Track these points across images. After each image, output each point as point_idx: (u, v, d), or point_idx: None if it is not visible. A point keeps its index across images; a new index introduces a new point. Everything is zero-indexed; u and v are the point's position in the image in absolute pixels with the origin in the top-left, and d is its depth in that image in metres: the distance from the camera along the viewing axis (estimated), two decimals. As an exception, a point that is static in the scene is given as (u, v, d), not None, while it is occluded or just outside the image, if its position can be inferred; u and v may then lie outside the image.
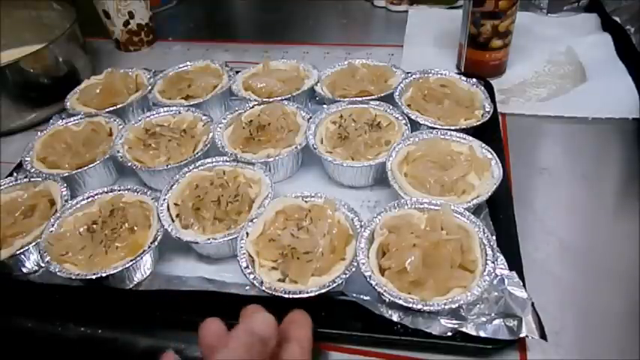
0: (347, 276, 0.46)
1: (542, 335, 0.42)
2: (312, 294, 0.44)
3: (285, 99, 0.69)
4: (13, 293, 0.52)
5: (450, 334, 0.43)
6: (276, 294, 0.45)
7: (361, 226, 0.49)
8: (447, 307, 0.42)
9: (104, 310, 0.49)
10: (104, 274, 0.48)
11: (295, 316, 0.43)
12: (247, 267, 0.48)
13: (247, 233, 0.51)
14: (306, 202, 0.53)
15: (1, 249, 0.52)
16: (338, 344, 0.46)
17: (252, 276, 0.47)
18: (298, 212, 0.52)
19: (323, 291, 0.45)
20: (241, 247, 0.49)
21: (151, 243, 0.51)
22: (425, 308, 0.42)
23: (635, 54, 0.76)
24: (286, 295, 0.45)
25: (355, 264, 0.46)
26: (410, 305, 0.42)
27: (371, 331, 0.45)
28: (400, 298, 0.43)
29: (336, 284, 0.45)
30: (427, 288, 0.44)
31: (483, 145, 0.58)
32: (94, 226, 0.53)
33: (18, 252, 0.52)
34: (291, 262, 0.47)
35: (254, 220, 0.52)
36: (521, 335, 0.42)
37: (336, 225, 0.50)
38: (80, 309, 0.50)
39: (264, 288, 0.46)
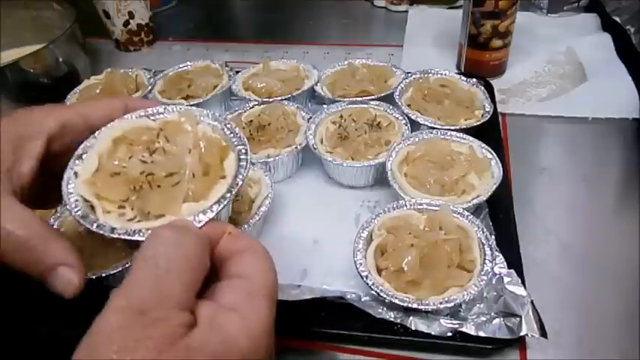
0: (232, 195, 0.35)
1: (543, 333, 0.42)
2: (196, 224, 0.33)
3: (285, 99, 0.69)
4: (12, 293, 0.52)
5: (450, 334, 0.43)
6: (139, 238, 0.33)
7: (236, 134, 0.39)
8: (442, 305, 0.42)
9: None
10: (104, 274, 0.48)
11: (245, 242, 0.32)
12: (85, 217, 0.34)
13: (76, 173, 0.37)
14: (154, 120, 0.41)
15: (1, 249, 0.52)
16: (338, 344, 0.46)
17: (94, 225, 0.34)
18: (146, 134, 0.39)
19: (205, 218, 0.33)
20: (70, 194, 0.36)
21: (151, 243, 0.50)
22: (421, 307, 0.42)
23: (635, 54, 0.76)
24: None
25: (239, 183, 0.36)
26: (406, 304, 0.42)
27: (371, 331, 0.45)
28: (396, 297, 0.43)
29: (221, 206, 0.34)
30: (423, 287, 0.44)
31: (483, 145, 0.58)
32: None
33: (18, 252, 0.52)
34: (149, 194, 0.35)
35: (83, 156, 0.38)
36: (522, 334, 0.42)
37: (202, 139, 0.38)
38: (80, 309, 0.50)
39: (116, 235, 0.33)
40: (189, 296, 0.28)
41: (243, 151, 0.38)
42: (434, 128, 0.61)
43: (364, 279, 0.44)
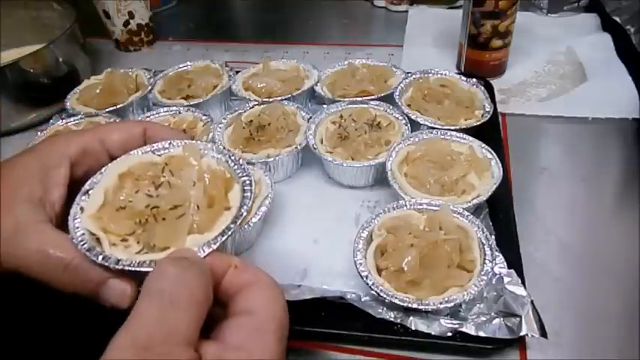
0: (237, 226, 0.35)
1: (543, 333, 0.42)
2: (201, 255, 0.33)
3: (285, 99, 0.69)
4: (12, 293, 0.52)
5: (450, 334, 0.43)
6: (144, 269, 0.33)
7: (240, 165, 0.40)
8: (442, 306, 0.42)
9: (104, 309, 0.49)
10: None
11: (253, 275, 0.32)
12: (91, 250, 0.35)
13: (82, 208, 0.38)
14: (159, 155, 0.42)
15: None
16: (338, 344, 0.46)
17: (101, 257, 0.34)
18: (152, 169, 0.40)
19: (208, 250, 0.33)
20: (76, 228, 0.36)
21: (151, 243, 0.51)
22: (421, 307, 0.42)
23: (635, 54, 0.76)
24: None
25: (243, 214, 0.36)
26: (406, 304, 0.42)
27: (371, 331, 0.45)
28: (396, 297, 0.43)
29: (225, 237, 0.34)
30: (423, 287, 0.44)
31: (483, 145, 0.58)
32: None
33: (18, 252, 0.52)
34: (154, 227, 0.36)
35: (89, 192, 0.39)
36: (522, 334, 0.42)
37: (207, 171, 0.39)
38: (80, 309, 0.50)
39: (120, 267, 0.34)
40: (194, 331, 0.27)
41: (248, 182, 0.39)
42: (434, 128, 0.61)
43: (364, 279, 0.44)
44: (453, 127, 0.61)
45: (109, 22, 0.95)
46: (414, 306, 0.42)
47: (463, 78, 0.70)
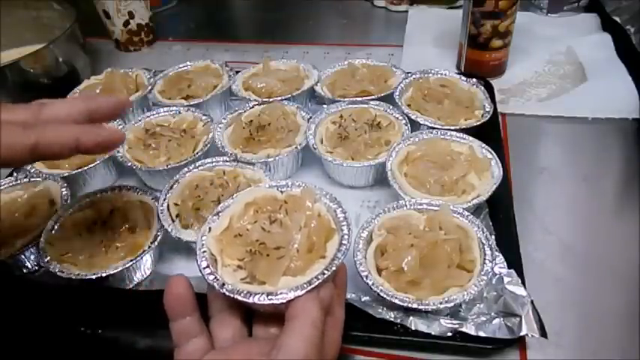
0: (326, 276, 0.38)
1: (543, 333, 0.42)
2: (281, 299, 0.37)
3: (285, 99, 0.69)
4: (12, 293, 0.52)
5: (450, 334, 0.43)
6: (240, 298, 0.38)
7: (345, 218, 0.43)
8: (442, 306, 0.42)
9: (104, 310, 0.49)
10: (104, 274, 0.48)
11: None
12: (207, 267, 0.40)
13: (210, 228, 0.44)
14: (282, 192, 0.46)
15: (1, 249, 0.52)
16: (338, 344, 0.46)
17: (212, 277, 0.40)
18: (272, 204, 0.45)
19: (293, 295, 0.37)
20: (202, 245, 0.42)
21: (151, 243, 0.51)
22: (421, 307, 0.42)
23: (635, 54, 0.76)
24: (249, 300, 0.37)
25: (337, 262, 0.39)
26: (406, 304, 0.42)
27: (371, 331, 0.45)
28: (396, 297, 0.43)
29: (312, 286, 0.37)
30: (423, 287, 0.44)
31: (483, 145, 0.58)
32: (94, 226, 0.53)
33: (18, 252, 0.52)
34: (259, 260, 0.40)
35: (219, 214, 0.45)
36: (522, 334, 0.42)
37: (315, 217, 0.43)
38: (80, 309, 0.50)
39: (224, 291, 0.38)
40: None
41: (346, 236, 0.41)
42: (434, 128, 0.61)
43: (364, 279, 0.44)
44: (453, 127, 0.61)
45: (109, 22, 0.95)
46: (414, 306, 0.42)
47: (463, 78, 0.70)
